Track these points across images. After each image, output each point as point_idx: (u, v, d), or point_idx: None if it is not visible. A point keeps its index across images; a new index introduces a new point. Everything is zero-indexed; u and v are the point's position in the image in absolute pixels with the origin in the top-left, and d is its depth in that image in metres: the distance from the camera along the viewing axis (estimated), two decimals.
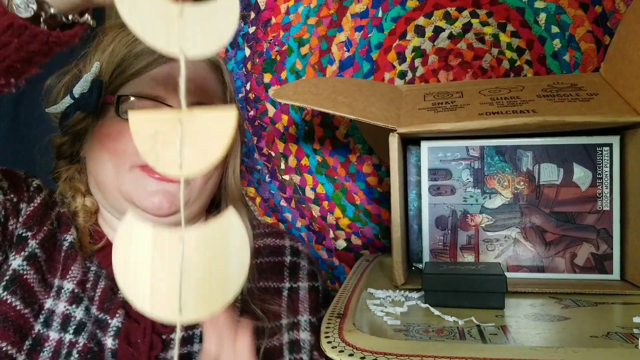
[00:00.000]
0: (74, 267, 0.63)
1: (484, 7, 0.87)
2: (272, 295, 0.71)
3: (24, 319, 0.59)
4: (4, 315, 0.58)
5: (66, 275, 0.62)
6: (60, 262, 0.63)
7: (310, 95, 0.67)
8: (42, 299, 0.61)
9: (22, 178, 0.64)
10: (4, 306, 0.58)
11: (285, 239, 0.79)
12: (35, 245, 0.61)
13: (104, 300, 0.63)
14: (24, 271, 0.60)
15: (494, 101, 0.65)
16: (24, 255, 0.60)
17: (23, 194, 0.63)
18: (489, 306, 0.54)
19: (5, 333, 0.57)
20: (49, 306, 0.61)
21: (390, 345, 0.42)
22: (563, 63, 0.85)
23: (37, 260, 0.61)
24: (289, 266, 0.75)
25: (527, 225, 0.66)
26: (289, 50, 0.94)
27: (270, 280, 0.73)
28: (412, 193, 0.71)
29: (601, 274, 0.64)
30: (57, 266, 0.63)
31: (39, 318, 0.60)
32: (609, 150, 0.64)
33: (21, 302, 0.59)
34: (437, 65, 0.89)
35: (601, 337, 0.44)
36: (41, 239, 0.62)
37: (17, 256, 0.60)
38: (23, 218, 0.62)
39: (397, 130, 0.62)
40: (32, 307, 0.60)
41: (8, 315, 0.58)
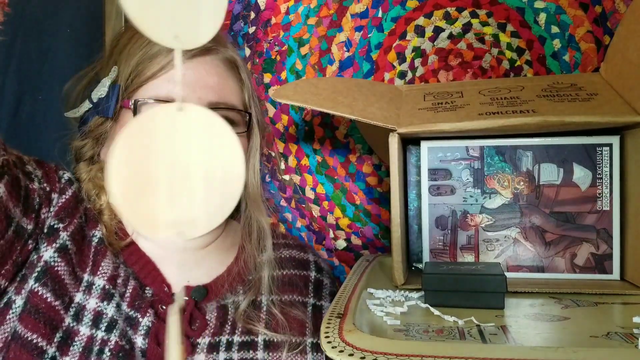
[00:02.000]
0: (104, 262, 0.63)
1: (483, 7, 0.87)
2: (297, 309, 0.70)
3: (54, 311, 0.58)
4: (35, 307, 0.57)
5: (97, 271, 0.62)
6: (90, 257, 0.63)
7: (310, 95, 0.67)
8: (72, 292, 0.61)
9: (54, 169, 0.64)
10: (35, 298, 0.58)
11: (308, 253, 0.80)
12: (66, 237, 0.61)
13: (135, 298, 0.63)
14: (55, 263, 0.60)
15: (494, 101, 0.65)
16: (55, 247, 0.60)
17: (55, 185, 0.63)
18: (489, 306, 0.54)
19: (37, 325, 0.57)
20: (79, 300, 0.61)
21: (390, 345, 0.42)
22: (563, 63, 0.85)
23: (68, 252, 0.61)
24: (314, 282, 0.76)
25: (527, 225, 0.66)
26: (289, 50, 0.94)
27: (295, 293, 0.73)
28: (412, 193, 0.71)
29: (601, 274, 0.64)
30: (87, 260, 0.63)
31: (69, 311, 0.60)
32: (609, 150, 0.64)
33: (52, 294, 0.59)
34: (437, 65, 0.89)
35: (601, 337, 0.44)
36: (72, 231, 0.62)
37: (49, 247, 0.60)
38: (55, 209, 0.62)
39: (397, 130, 0.62)
40: (63, 299, 0.59)
41: (39, 307, 0.58)
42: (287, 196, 0.97)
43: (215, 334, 0.65)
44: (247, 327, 0.66)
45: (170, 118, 0.27)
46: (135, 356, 0.60)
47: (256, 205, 0.75)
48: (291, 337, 0.67)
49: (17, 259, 0.58)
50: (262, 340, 0.66)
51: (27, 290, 0.58)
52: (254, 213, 0.74)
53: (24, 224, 0.57)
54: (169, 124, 0.27)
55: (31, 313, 0.57)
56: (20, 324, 0.57)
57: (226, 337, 0.65)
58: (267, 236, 0.74)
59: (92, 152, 0.69)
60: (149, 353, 0.60)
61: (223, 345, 0.64)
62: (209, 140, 0.28)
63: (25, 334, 0.56)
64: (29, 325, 0.57)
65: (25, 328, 0.56)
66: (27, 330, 0.56)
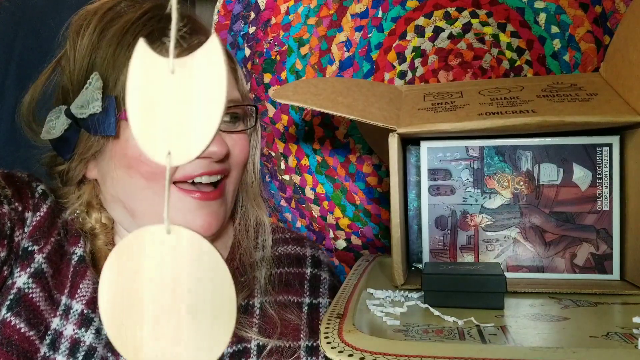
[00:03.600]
0: (83, 284, 0.59)
1: (483, 7, 0.87)
2: (291, 309, 0.68)
3: (28, 342, 0.55)
4: (7, 339, 0.54)
5: (75, 294, 0.58)
6: (68, 278, 0.59)
7: (310, 96, 0.67)
8: (48, 318, 0.57)
9: (26, 182, 0.60)
10: (7, 328, 0.54)
11: (306, 247, 0.75)
12: (41, 260, 0.57)
13: None
14: (30, 290, 0.56)
15: (494, 101, 0.65)
16: (30, 272, 0.56)
17: (28, 202, 0.59)
18: (489, 306, 0.54)
19: (9, 358, 0.54)
20: (56, 326, 0.57)
21: (390, 346, 0.42)
22: (563, 63, 0.85)
23: (44, 276, 0.57)
24: (310, 279, 0.72)
25: (527, 226, 0.66)
26: (289, 51, 0.94)
27: (290, 293, 0.70)
28: (412, 193, 0.71)
29: (601, 274, 0.64)
30: (65, 282, 0.59)
31: (44, 339, 0.56)
32: (609, 150, 0.64)
33: (26, 324, 0.55)
34: (437, 66, 0.89)
35: (601, 337, 0.44)
36: (48, 252, 0.58)
37: (23, 273, 0.56)
38: (29, 229, 0.58)
39: (396, 131, 0.62)
40: (38, 328, 0.56)
41: (12, 339, 0.54)
42: (287, 196, 0.97)
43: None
44: (237, 334, 0.63)
45: (159, 240, 0.26)
46: None
47: (255, 201, 0.72)
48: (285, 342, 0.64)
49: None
50: (255, 346, 0.63)
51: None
52: (253, 208, 0.71)
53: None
54: (157, 246, 0.26)
55: (3, 345, 0.54)
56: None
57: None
58: (267, 232, 0.70)
59: (82, 174, 0.64)
60: None
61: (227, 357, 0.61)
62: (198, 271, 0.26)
63: None
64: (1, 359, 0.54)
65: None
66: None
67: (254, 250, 0.70)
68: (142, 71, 0.25)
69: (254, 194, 0.72)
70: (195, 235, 0.26)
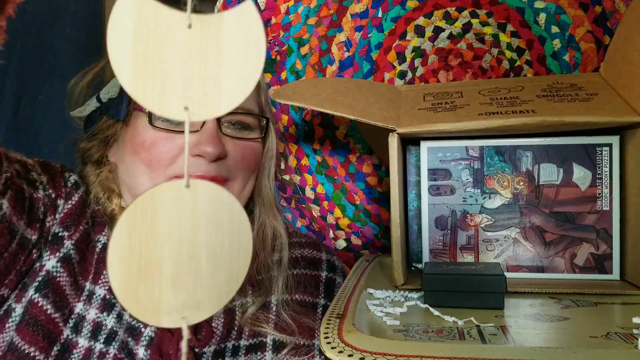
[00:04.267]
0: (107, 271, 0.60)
1: (483, 7, 0.87)
2: (307, 309, 0.69)
3: (53, 324, 0.57)
4: (34, 319, 0.56)
5: (98, 280, 0.61)
6: (92, 265, 0.61)
7: (310, 96, 0.67)
8: (72, 302, 0.59)
9: (59, 172, 0.63)
10: (35, 309, 0.56)
11: (322, 251, 0.78)
12: (70, 246, 0.60)
13: None
14: (58, 273, 0.58)
15: (494, 101, 0.65)
16: (59, 257, 0.59)
17: (61, 190, 0.61)
18: (489, 306, 0.54)
19: (35, 337, 0.56)
20: (79, 311, 0.59)
21: (390, 346, 0.42)
22: (563, 63, 0.85)
23: (71, 261, 0.60)
24: (325, 282, 0.74)
25: (527, 225, 0.66)
26: (289, 50, 0.94)
27: (306, 294, 0.72)
28: (412, 193, 0.71)
29: (601, 274, 0.64)
30: (90, 269, 0.61)
31: (68, 323, 0.58)
32: (609, 150, 0.64)
33: (52, 306, 0.57)
34: (437, 66, 0.89)
35: (601, 338, 0.44)
36: (76, 239, 0.60)
37: (52, 257, 0.58)
38: (60, 216, 0.60)
39: (396, 131, 0.62)
40: (63, 311, 0.58)
41: (38, 319, 0.56)
42: (287, 196, 0.97)
43: (221, 341, 0.63)
44: (254, 329, 0.65)
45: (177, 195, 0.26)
46: None
47: (271, 211, 0.73)
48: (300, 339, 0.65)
49: (21, 269, 0.57)
50: (271, 341, 0.65)
51: (27, 299, 0.57)
52: (269, 219, 0.73)
53: (28, 235, 0.56)
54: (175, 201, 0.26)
55: (29, 324, 0.56)
56: (17, 335, 0.56)
57: (232, 343, 0.64)
58: (284, 242, 0.72)
59: (99, 154, 0.68)
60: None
61: (229, 351, 0.63)
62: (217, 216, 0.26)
63: (22, 346, 0.55)
64: (27, 338, 0.55)
65: (23, 340, 0.55)
66: (25, 342, 0.55)
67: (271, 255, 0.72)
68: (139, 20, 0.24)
69: (270, 205, 0.73)
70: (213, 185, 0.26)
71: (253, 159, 0.69)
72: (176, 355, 0.59)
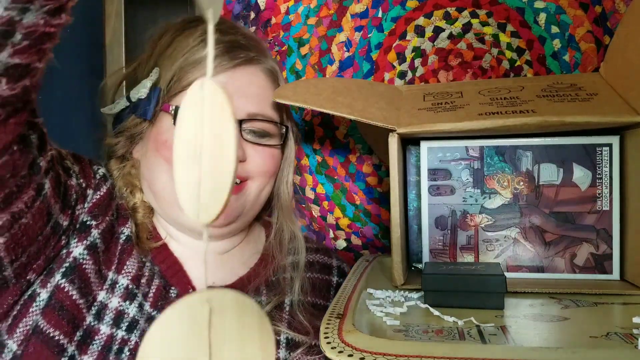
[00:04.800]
0: (129, 261, 0.63)
1: (483, 7, 0.87)
2: (319, 311, 0.71)
3: (78, 309, 0.58)
4: (60, 303, 0.58)
5: (121, 269, 0.63)
6: (116, 255, 0.63)
7: (310, 96, 0.67)
8: (95, 290, 0.61)
9: (88, 164, 0.65)
10: (61, 294, 0.58)
11: (332, 258, 0.81)
12: (97, 235, 0.61)
13: (158, 298, 0.63)
14: (84, 260, 0.60)
15: (494, 101, 0.65)
16: (86, 245, 0.60)
17: (90, 181, 0.63)
18: (489, 306, 0.54)
19: (60, 322, 0.57)
20: (102, 299, 0.61)
21: (390, 346, 0.42)
22: (563, 63, 0.85)
23: (97, 250, 0.61)
24: (336, 287, 0.78)
25: (527, 226, 0.66)
26: (289, 50, 0.94)
27: (318, 297, 0.75)
28: (412, 193, 0.71)
29: (601, 274, 0.64)
30: (113, 259, 0.63)
31: (91, 310, 0.60)
32: (609, 150, 0.64)
33: (78, 292, 0.59)
34: (437, 66, 0.89)
35: (600, 338, 0.44)
36: (102, 229, 0.62)
37: (79, 244, 0.60)
38: (89, 205, 0.62)
39: (396, 131, 0.62)
40: (87, 298, 0.60)
41: (64, 304, 0.58)
42: None
43: None
44: None
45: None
46: None
47: (288, 216, 0.76)
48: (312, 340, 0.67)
49: (50, 254, 0.58)
50: (285, 339, 0.67)
51: (52, 284, 0.58)
52: (286, 223, 0.76)
53: (61, 221, 0.58)
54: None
55: (55, 309, 0.57)
56: (43, 319, 0.57)
57: None
58: (301, 247, 0.75)
59: (124, 150, 0.70)
60: None
61: None
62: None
63: (48, 330, 0.56)
64: (52, 322, 0.57)
65: (48, 324, 0.57)
66: (50, 326, 0.57)
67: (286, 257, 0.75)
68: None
69: (287, 209, 0.76)
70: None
71: (272, 164, 0.71)
72: None
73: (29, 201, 0.52)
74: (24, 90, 0.45)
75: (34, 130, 0.51)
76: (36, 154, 0.52)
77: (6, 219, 0.50)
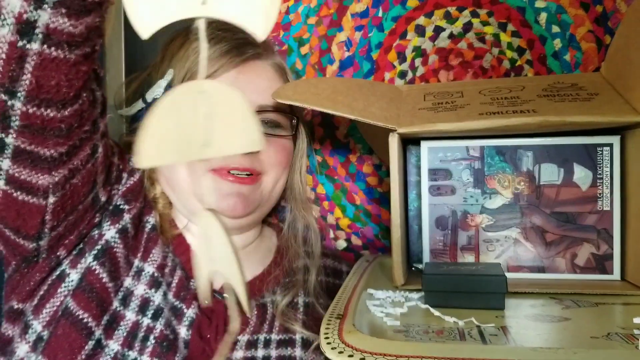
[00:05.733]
0: (155, 250, 0.64)
1: (484, 6, 0.87)
2: None
3: (107, 293, 0.59)
4: (90, 285, 0.58)
5: (147, 258, 0.63)
6: (142, 243, 0.64)
7: (310, 95, 0.66)
8: (123, 275, 0.61)
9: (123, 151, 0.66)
10: (91, 276, 0.58)
11: (342, 263, 0.84)
12: (128, 220, 0.62)
13: (181, 289, 0.63)
14: (115, 244, 0.60)
15: (495, 101, 0.65)
16: (118, 228, 0.61)
17: (126, 164, 0.65)
18: (489, 307, 0.54)
19: (89, 304, 0.57)
20: (128, 285, 0.61)
21: (390, 346, 0.42)
22: (564, 63, 0.85)
23: (127, 235, 0.62)
24: None
25: (528, 226, 0.66)
26: (289, 50, 0.94)
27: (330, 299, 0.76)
28: (412, 193, 0.71)
29: (602, 274, 0.64)
30: (139, 246, 0.64)
31: (118, 294, 0.60)
32: (610, 150, 0.64)
33: (108, 275, 0.59)
34: (438, 65, 0.89)
35: (601, 338, 0.44)
36: (133, 215, 0.63)
37: (112, 227, 0.61)
38: (123, 189, 0.63)
39: (397, 130, 0.62)
40: (116, 282, 0.60)
41: (94, 287, 0.58)
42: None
43: (254, 332, 0.66)
44: (285, 325, 0.68)
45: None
46: (178, 347, 0.60)
47: (303, 206, 0.78)
48: None
49: (82, 231, 0.59)
50: (300, 339, 0.68)
51: (84, 266, 0.58)
52: (300, 213, 0.77)
53: (100, 195, 0.59)
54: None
55: (85, 291, 0.57)
56: (73, 301, 0.57)
57: (264, 336, 0.67)
58: (316, 236, 0.77)
59: None
60: (192, 345, 0.61)
61: (261, 343, 0.66)
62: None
63: (77, 312, 0.57)
64: (82, 304, 0.57)
65: (78, 305, 0.57)
66: (80, 308, 0.57)
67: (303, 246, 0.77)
68: None
69: (302, 201, 0.78)
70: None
71: (285, 155, 0.72)
72: (215, 340, 0.62)
73: (84, 159, 0.52)
74: (88, 29, 0.45)
75: (99, 86, 0.52)
76: (99, 112, 0.53)
77: (63, 175, 0.51)
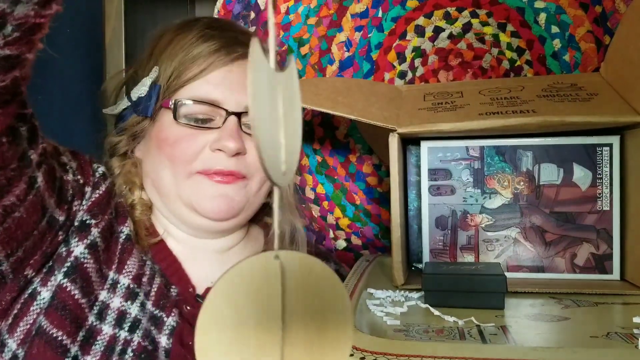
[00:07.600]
0: (130, 261, 0.63)
1: (484, 7, 0.87)
2: None
3: (80, 309, 0.58)
4: (62, 303, 0.57)
5: (122, 269, 0.62)
6: (116, 255, 0.63)
7: (310, 95, 0.67)
8: (97, 289, 0.60)
9: (88, 162, 0.65)
10: (63, 293, 0.58)
11: (330, 262, 0.82)
12: (96, 234, 0.61)
13: (160, 297, 0.63)
14: (85, 260, 0.59)
15: (494, 101, 0.65)
16: (86, 244, 0.60)
17: (89, 178, 0.63)
18: (489, 306, 0.54)
19: (63, 322, 0.57)
20: (103, 298, 0.60)
21: (390, 346, 0.42)
22: (563, 63, 0.85)
23: (97, 249, 0.61)
24: None
25: (527, 225, 0.66)
26: (289, 50, 0.94)
27: None
28: (412, 193, 0.71)
29: (601, 274, 0.64)
30: (113, 258, 0.63)
31: (93, 309, 0.59)
32: (609, 150, 0.64)
33: (80, 292, 0.58)
34: (437, 65, 0.89)
35: (601, 338, 0.44)
36: (102, 228, 0.62)
37: (80, 243, 0.60)
38: (88, 204, 0.62)
39: (396, 131, 0.62)
40: (89, 297, 0.59)
41: (66, 304, 0.57)
42: None
43: None
44: None
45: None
46: (158, 357, 0.60)
47: (289, 208, 0.76)
48: None
49: (47, 250, 0.58)
50: None
51: (54, 284, 0.58)
52: (287, 215, 0.75)
53: (57, 215, 0.58)
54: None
55: (58, 309, 0.57)
56: (46, 319, 0.56)
57: None
58: (302, 239, 0.75)
59: (126, 148, 0.70)
60: (173, 353, 0.60)
61: None
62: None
63: (51, 330, 0.56)
64: (55, 322, 0.56)
65: (51, 324, 0.56)
66: (53, 326, 0.56)
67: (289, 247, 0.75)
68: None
69: (289, 203, 0.76)
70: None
71: None
72: None
73: (21, 194, 0.51)
74: (14, 81, 0.45)
75: (24, 123, 0.51)
76: (26, 146, 0.51)
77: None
